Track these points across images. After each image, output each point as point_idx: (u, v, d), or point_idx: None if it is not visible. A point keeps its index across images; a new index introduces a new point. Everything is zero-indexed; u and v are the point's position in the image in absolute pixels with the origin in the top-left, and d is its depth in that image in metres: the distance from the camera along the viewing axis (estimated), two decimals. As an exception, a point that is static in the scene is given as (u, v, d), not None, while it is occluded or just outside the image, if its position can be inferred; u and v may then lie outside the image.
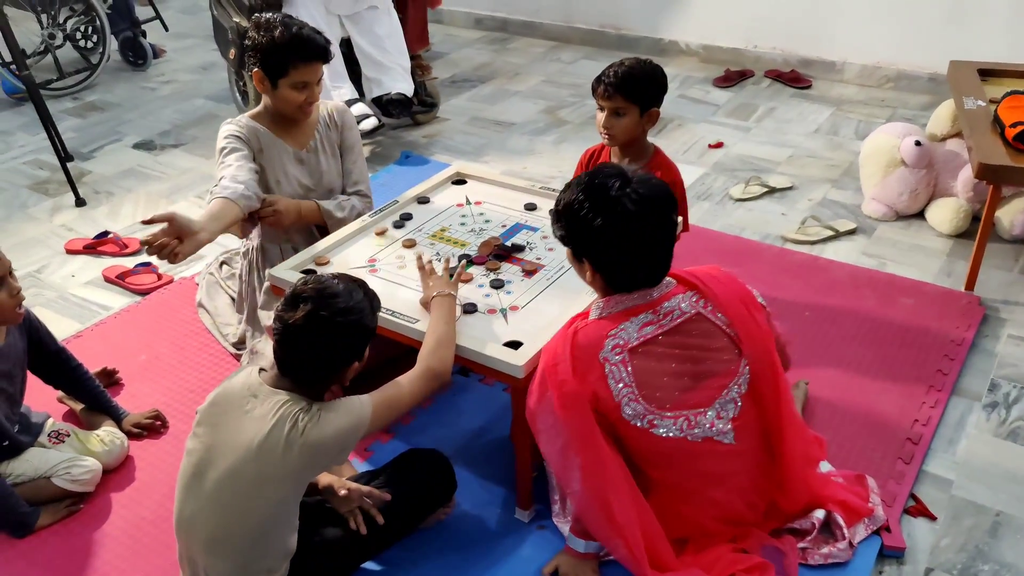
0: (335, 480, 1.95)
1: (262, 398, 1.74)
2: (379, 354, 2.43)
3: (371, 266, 2.31)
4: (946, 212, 3.20)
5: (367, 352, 1.84)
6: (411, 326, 2.05)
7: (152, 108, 4.75)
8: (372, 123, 3.87)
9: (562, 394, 1.75)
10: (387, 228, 2.46)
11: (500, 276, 2.23)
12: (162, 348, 2.79)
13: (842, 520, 1.97)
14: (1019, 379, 2.53)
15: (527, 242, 2.37)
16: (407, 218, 2.53)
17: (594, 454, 1.76)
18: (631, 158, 2.54)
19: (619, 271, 1.78)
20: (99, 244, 3.37)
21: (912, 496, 2.15)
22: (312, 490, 1.95)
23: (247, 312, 2.66)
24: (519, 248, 2.34)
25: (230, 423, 1.75)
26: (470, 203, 2.59)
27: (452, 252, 2.34)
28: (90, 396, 2.42)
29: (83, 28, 5.12)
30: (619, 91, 2.36)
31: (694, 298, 1.83)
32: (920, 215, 3.32)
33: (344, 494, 1.92)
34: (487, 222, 2.48)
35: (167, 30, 5.55)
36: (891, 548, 2.00)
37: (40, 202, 3.78)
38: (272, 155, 2.51)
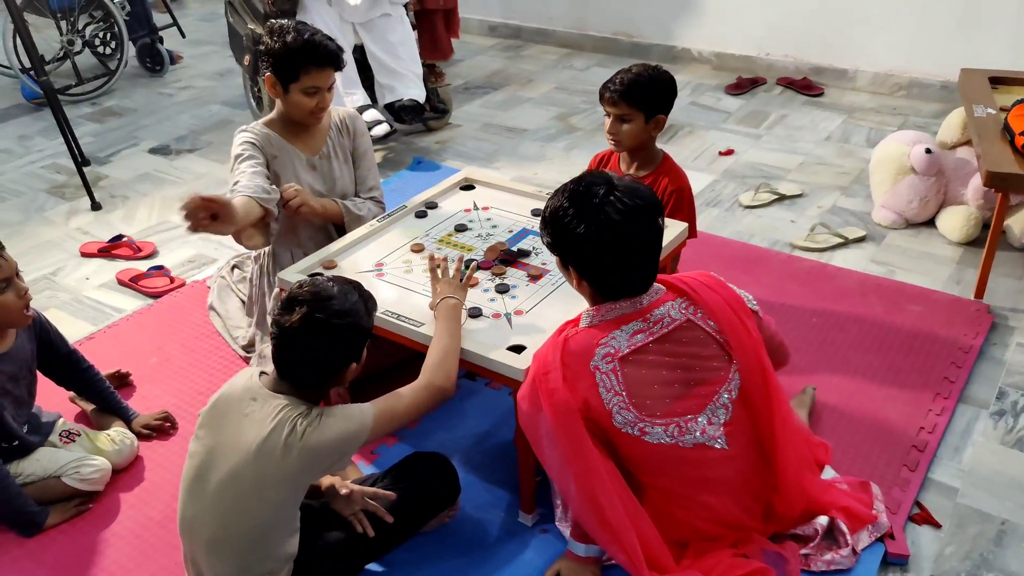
0: (337, 482, 1.96)
1: (261, 401, 1.76)
2: (386, 358, 2.46)
3: (378, 270, 2.33)
4: (956, 220, 3.19)
5: (365, 353, 1.85)
6: (417, 330, 2.07)
7: (169, 113, 4.80)
8: (384, 129, 3.90)
9: (553, 402, 1.74)
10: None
11: (505, 280, 2.25)
12: (173, 350, 2.82)
13: (845, 527, 1.96)
14: (1027, 387, 2.52)
15: (533, 247, 2.38)
16: (421, 216, 2.57)
17: (585, 461, 1.76)
18: (639, 164, 2.56)
19: (604, 278, 1.77)
20: (113, 247, 3.41)
21: (917, 503, 2.15)
22: (316, 493, 1.97)
23: (257, 315, 2.68)
24: (525, 253, 2.35)
25: (230, 426, 1.77)
26: (477, 208, 2.61)
27: (454, 257, 2.34)
28: (100, 397, 2.45)
29: (102, 35, 5.19)
30: (624, 98, 2.37)
31: (684, 305, 1.82)
32: (930, 223, 3.31)
33: (346, 494, 1.93)
34: (494, 227, 2.50)
35: (184, 37, 5.61)
36: (895, 555, 1.99)
37: (57, 206, 3.83)
38: (285, 161, 2.53)
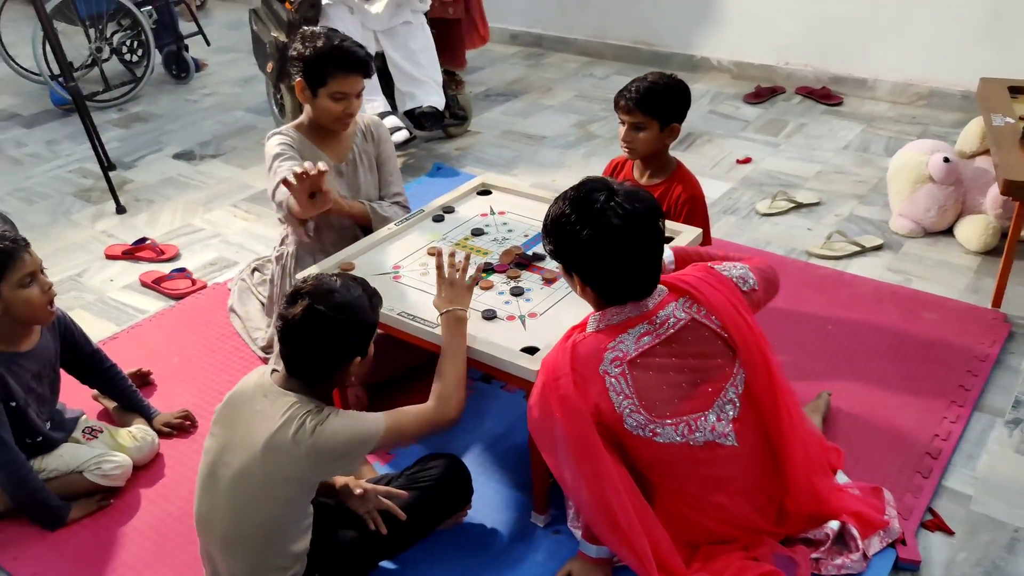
0: (352, 480, 1.99)
1: (272, 398, 1.79)
2: (404, 360, 2.49)
3: (396, 272, 2.37)
4: (975, 229, 3.18)
5: (372, 349, 1.87)
6: (433, 331, 2.09)
7: (193, 119, 4.88)
8: (404, 135, 3.94)
9: (565, 408, 1.75)
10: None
11: (520, 284, 2.28)
12: (194, 351, 2.86)
13: (856, 531, 1.96)
14: (1043, 396, 2.51)
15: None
16: (439, 220, 2.61)
17: (597, 466, 1.77)
18: (652, 171, 2.58)
19: (607, 283, 1.78)
20: (137, 250, 3.47)
21: (930, 510, 2.15)
22: (331, 491, 2.00)
23: (276, 316, 2.72)
24: (540, 257, 2.37)
25: (242, 422, 1.80)
26: (493, 213, 2.64)
27: (474, 261, 2.37)
28: (123, 395, 2.50)
29: (129, 42, 5.27)
30: (638, 106, 2.40)
31: (687, 304, 1.83)
32: (948, 232, 3.30)
33: (360, 493, 1.96)
34: (510, 231, 2.53)
35: (209, 44, 5.69)
36: (906, 561, 2.00)
37: (83, 209, 3.90)
38: None
